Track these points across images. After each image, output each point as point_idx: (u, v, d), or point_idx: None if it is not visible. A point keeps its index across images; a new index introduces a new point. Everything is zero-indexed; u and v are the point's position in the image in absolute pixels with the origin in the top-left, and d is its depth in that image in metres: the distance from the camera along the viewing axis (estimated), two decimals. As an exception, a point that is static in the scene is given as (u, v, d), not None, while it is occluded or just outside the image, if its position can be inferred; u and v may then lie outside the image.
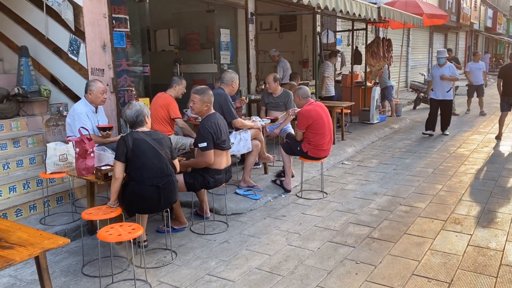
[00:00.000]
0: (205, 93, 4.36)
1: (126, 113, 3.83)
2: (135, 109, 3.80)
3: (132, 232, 3.23)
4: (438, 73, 9.00)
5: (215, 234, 4.42)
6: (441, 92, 9.00)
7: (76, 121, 4.69)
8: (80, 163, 4.10)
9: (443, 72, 8.94)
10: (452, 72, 8.94)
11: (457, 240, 4.19)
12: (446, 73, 8.93)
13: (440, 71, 9.00)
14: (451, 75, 8.94)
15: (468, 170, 6.65)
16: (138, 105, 3.85)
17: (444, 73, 8.93)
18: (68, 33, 5.74)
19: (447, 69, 8.99)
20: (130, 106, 3.86)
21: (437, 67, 9.14)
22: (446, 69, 8.98)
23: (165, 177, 3.71)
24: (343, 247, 4.07)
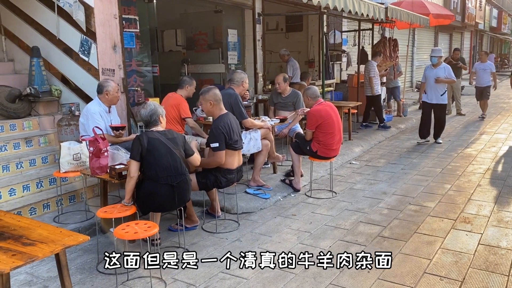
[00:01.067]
0: (206, 92, 4.42)
1: (141, 112, 3.89)
2: (149, 108, 3.85)
3: (148, 230, 3.28)
4: (432, 74, 8.15)
5: (227, 233, 4.46)
6: (435, 95, 8.12)
7: (89, 120, 4.73)
8: (94, 162, 4.15)
9: (437, 73, 8.05)
10: (447, 73, 8.09)
11: (467, 239, 4.21)
12: (441, 74, 8.05)
13: (434, 73, 8.13)
14: (447, 76, 8.10)
15: (476, 169, 6.67)
16: (153, 105, 3.90)
17: (439, 74, 8.05)
18: (79, 33, 5.80)
19: (442, 70, 8.10)
20: (145, 106, 3.93)
21: (430, 68, 8.27)
22: (441, 70, 8.08)
23: (179, 176, 3.75)
24: (354, 246, 4.10)
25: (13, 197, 4.65)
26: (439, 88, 8.11)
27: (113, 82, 4.97)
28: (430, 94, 8.19)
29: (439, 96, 8.14)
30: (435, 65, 8.11)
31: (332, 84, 11.91)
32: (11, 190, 4.64)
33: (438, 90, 8.11)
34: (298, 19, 11.75)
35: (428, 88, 8.24)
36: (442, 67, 8.09)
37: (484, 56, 12.15)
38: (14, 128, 5.48)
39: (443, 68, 8.10)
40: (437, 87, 8.09)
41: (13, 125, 5.47)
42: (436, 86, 8.08)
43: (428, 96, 8.24)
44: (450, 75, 8.10)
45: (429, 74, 8.20)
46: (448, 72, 8.07)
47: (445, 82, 8.13)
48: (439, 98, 8.16)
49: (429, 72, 8.24)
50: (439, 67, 8.08)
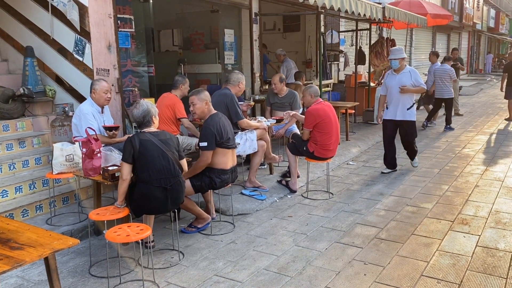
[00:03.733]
0: (201, 92, 4.38)
1: (133, 112, 3.81)
2: (142, 109, 3.78)
3: (140, 233, 3.22)
4: (394, 82, 6.20)
5: (222, 235, 4.40)
6: (400, 110, 6.19)
7: (82, 121, 4.67)
8: (87, 164, 4.09)
9: (401, 80, 6.13)
10: (415, 79, 6.14)
11: (465, 241, 4.17)
12: (406, 81, 6.13)
13: (397, 80, 6.16)
14: (414, 84, 6.15)
15: (473, 170, 6.63)
16: (145, 105, 3.82)
17: (403, 82, 6.13)
18: (74, 33, 5.74)
19: (407, 75, 6.16)
20: (137, 106, 3.83)
21: (392, 74, 6.32)
22: (406, 76, 6.16)
23: (172, 178, 3.69)
24: (351, 248, 4.05)
25: (5, 198, 4.59)
26: (405, 100, 6.18)
27: (105, 82, 4.87)
28: (393, 109, 6.25)
29: (405, 110, 6.19)
30: (397, 70, 6.22)
31: (329, 84, 11.89)
32: (3, 191, 4.58)
33: (404, 102, 6.18)
34: (295, 19, 11.71)
35: (390, 101, 6.32)
36: (406, 71, 6.20)
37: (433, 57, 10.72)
38: (7, 129, 5.40)
39: (408, 72, 6.19)
40: (402, 99, 6.17)
41: (6, 126, 5.40)
42: (401, 97, 6.16)
43: (391, 112, 6.30)
44: (418, 81, 6.19)
45: (391, 82, 6.26)
46: (415, 78, 6.17)
47: (413, 91, 6.22)
48: (405, 113, 6.20)
49: (390, 80, 6.30)
50: (402, 72, 6.18)
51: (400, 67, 6.20)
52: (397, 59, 6.17)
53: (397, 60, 6.17)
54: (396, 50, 6.35)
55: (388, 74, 6.51)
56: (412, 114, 6.25)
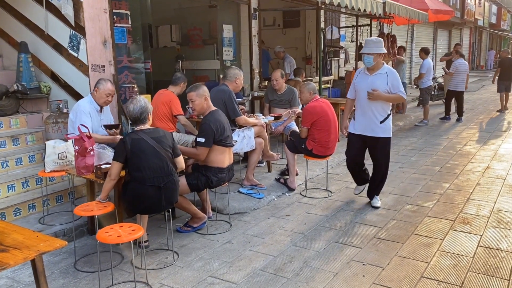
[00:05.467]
0: (198, 87, 4.27)
1: (130, 108, 3.70)
2: (140, 105, 3.67)
3: (132, 233, 3.13)
4: (364, 84, 4.67)
5: (218, 234, 4.31)
6: (370, 123, 4.68)
7: (77, 118, 4.58)
8: (79, 162, 4.00)
9: (374, 83, 4.59)
10: (391, 84, 4.56)
11: (466, 240, 4.07)
12: (380, 85, 4.56)
13: (368, 82, 4.63)
14: (390, 90, 4.58)
15: (475, 168, 6.53)
16: (143, 101, 3.71)
17: (376, 85, 4.57)
18: (68, 28, 5.64)
19: (382, 78, 4.59)
20: (134, 101, 3.72)
21: (363, 74, 4.74)
22: (380, 79, 4.60)
23: (166, 176, 3.60)
24: (349, 248, 3.96)
25: (-2, 197, 4.51)
26: (377, 109, 4.63)
27: (110, 84, 4.72)
28: (362, 121, 4.74)
29: (376, 123, 4.65)
30: (370, 69, 4.64)
31: (329, 81, 11.77)
32: (-5, 190, 4.50)
33: (376, 113, 4.63)
34: (295, 14, 11.59)
35: (358, 110, 4.82)
36: (383, 72, 4.59)
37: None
38: (0, 126, 5.31)
39: (385, 74, 4.58)
40: (374, 108, 4.63)
41: (-1, 123, 5.31)
42: (372, 106, 4.62)
43: (358, 124, 4.79)
44: (397, 87, 4.57)
45: (361, 84, 4.72)
46: (394, 82, 4.56)
47: (386, 99, 4.61)
48: (377, 127, 4.66)
49: (360, 82, 4.74)
50: (378, 73, 4.60)
51: (375, 65, 4.57)
52: (371, 54, 4.53)
53: (371, 56, 4.52)
54: (371, 42, 4.62)
55: (359, 72, 4.82)
56: (386, 128, 4.67)
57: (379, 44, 4.59)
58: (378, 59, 4.59)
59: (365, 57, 4.59)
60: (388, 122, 4.73)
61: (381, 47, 4.60)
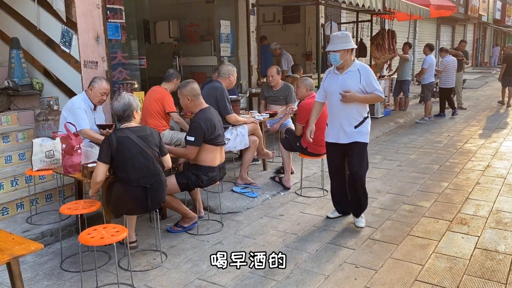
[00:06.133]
0: (183, 87, 4.15)
1: (114, 105, 3.60)
2: (123, 102, 3.57)
3: (115, 235, 3.04)
4: (335, 86, 4.08)
5: (209, 235, 4.22)
6: (344, 129, 4.12)
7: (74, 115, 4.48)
8: (66, 160, 3.91)
9: (345, 83, 4.02)
10: (366, 83, 3.99)
11: (463, 242, 3.96)
12: (351, 85, 3.99)
13: (339, 83, 4.06)
14: (365, 88, 4.01)
15: (475, 166, 6.40)
16: (127, 98, 3.60)
17: (348, 85, 4.00)
18: (60, 24, 5.56)
19: (354, 76, 4.02)
20: (118, 98, 3.62)
21: (333, 74, 4.15)
22: (352, 77, 4.02)
23: (152, 176, 3.50)
24: (343, 250, 3.85)
25: (-15, 196, 4.43)
26: (351, 112, 4.07)
27: (106, 83, 4.63)
28: (336, 127, 4.18)
29: (351, 128, 4.10)
30: (340, 68, 4.07)
31: (329, 77, 11.63)
32: (-17, 188, 4.42)
33: (350, 116, 4.08)
34: (295, 10, 11.46)
35: (330, 115, 4.27)
36: (354, 70, 4.02)
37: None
38: (-9, 123, 5.24)
39: (357, 71, 4.01)
40: (347, 112, 4.07)
41: (-11, 120, 5.23)
42: (345, 109, 4.06)
43: (332, 131, 4.24)
44: (372, 85, 3.99)
45: (330, 86, 4.14)
46: (368, 80, 3.99)
47: (361, 100, 4.04)
48: (352, 132, 4.11)
49: (329, 83, 4.16)
50: (348, 71, 4.03)
51: (344, 63, 3.99)
52: (337, 51, 3.93)
53: (337, 53, 3.92)
54: (336, 37, 3.98)
55: (328, 72, 4.21)
56: (363, 133, 4.12)
57: (345, 39, 3.99)
58: (346, 56, 4.00)
59: (331, 55, 4.02)
60: (365, 126, 4.15)
61: (348, 42, 3.99)
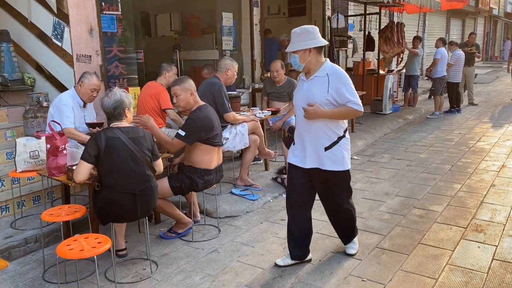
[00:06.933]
0: (184, 81, 3.84)
1: (104, 101, 3.29)
2: (114, 98, 3.25)
3: (97, 247, 2.76)
4: (301, 96, 3.24)
5: (205, 242, 3.93)
6: (312, 150, 3.22)
7: (60, 112, 4.21)
8: (50, 161, 3.63)
9: (309, 92, 3.15)
10: (336, 92, 3.07)
11: (480, 252, 3.64)
12: (317, 96, 3.11)
13: (304, 91, 3.21)
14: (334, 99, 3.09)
15: (489, 167, 6.06)
16: (119, 94, 3.29)
17: (313, 96, 3.13)
18: (52, 16, 5.29)
19: (321, 82, 3.12)
20: (109, 94, 3.31)
21: (301, 80, 3.30)
22: (319, 85, 3.12)
23: (142, 183, 3.20)
24: (348, 260, 3.55)
25: (-33, 198, 4.17)
26: (320, 130, 3.17)
27: (96, 79, 4.33)
28: (300, 145, 3.30)
29: (320, 150, 3.20)
30: (307, 73, 3.22)
31: (336, 72, 11.29)
32: (-34, 190, 4.17)
33: (319, 134, 3.19)
34: (301, 2, 11.11)
35: (296, 129, 3.37)
36: (322, 75, 3.13)
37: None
38: (-22, 120, 4.98)
39: (326, 77, 3.11)
40: (315, 128, 3.18)
41: (-24, 117, 4.97)
42: (312, 125, 3.18)
43: (297, 151, 3.34)
44: (345, 94, 3.06)
45: (296, 95, 3.34)
46: (338, 88, 3.08)
47: (331, 116, 3.11)
48: (321, 156, 3.20)
49: (296, 92, 3.36)
50: (315, 76, 3.16)
51: (307, 66, 3.13)
52: (296, 52, 3.09)
53: (297, 56, 3.09)
54: (294, 34, 3.13)
55: (299, 78, 3.34)
56: (336, 158, 3.17)
57: (304, 36, 3.07)
58: (309, 57, 3.08)
59: (291, 57, 3.16)
60: (341, 148, 3.19)
61: (309, 39, 3.06)
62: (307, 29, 3.12)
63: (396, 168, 6.05)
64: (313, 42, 3.10)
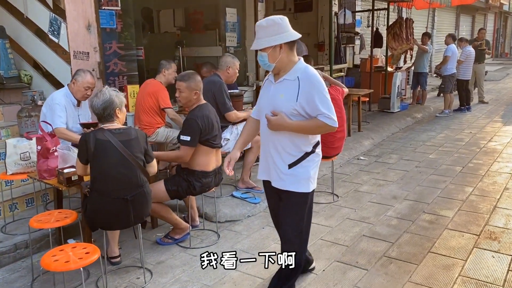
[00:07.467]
0: (192, 78, 3.63)
1: (93, 102, 3.12)
2: (103, 98, 3.07)
3: (84, 258, 2.58)
4: (266, 100, 2.71)
5: (203, 248, 3.73)
6: (275, 166, 2.71)
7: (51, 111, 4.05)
8: (41, 164, 3.48)
9: (275, 99, 2.62)
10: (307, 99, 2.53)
11: (494, 262, 3.43)
12: (284, 104, 2.57)
13: (270, 95, 2.67)
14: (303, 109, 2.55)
15: (502, 168, 5.82)
16: (108, 94, 3.10)
17: (278, 103, 2.60)
18: (48, 11, 5.13)
19: (291, 87, 2.57)
20: (98, 94, 3.14)
21: (268, 82, 2.74)
22: (287, 89, 2.58)
23: (134, 188, 3.01)
24: (353, 270, 3.35)
25: (-42, 201, 4.02)
26: (283, 143, 2.66)
27: (91, 77, 4.15)
28: (264, 160, 2.88)
29: (284, 168, 2.68)
30: (275, 74, 2.68)
31: (343, 69, 11.07)
32: (-44, 193, 4.01)
33: (280, 150, 2.68)
34: (308, -3, 10.87)
35: (261, 139, 2.88)
36: (292, 78, 2.60)
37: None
38: (-28, 119, 4.83)
39: (296, 80, 2.58)
40: (277, 141, 2.67)
41: (-29, 116, 4.83)
42: (275, 137, 2.67)
43: (262, 165, 2.92)
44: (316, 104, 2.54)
45: (261, 99, 2.82)
46: (310, 95, 2.55)
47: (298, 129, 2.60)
48: (282, 173, 2.69)
49: (262, 95, 2.83)
50: (284, 79, 2.62)
51: (278, 66, 2.60)
52: (264, 50, 2.56)
53: (264, 54, 2.56)
54: (259, 28, 2.57)
55: (266, 79, 2.83)
56: (299, 177, 2.67)
57: (272, 29, 2.51)
58: (280, 55, 2.54)
59: (258, 56, 2.60)
60: (306, 166, 2.66)
61: (279, 32, 2.51)
62: (275, 21, 2.54)
63: (404, 170, 5.83)
64: (283, 37, 2.53)
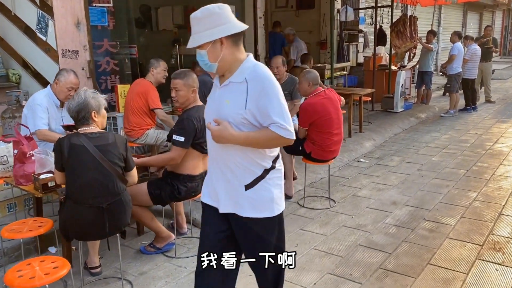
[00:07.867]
0: (188, 75, 3.44)
1: (68, 104, 2.93)
2: (77, 100, 2.87)
3: (51, 273, 2.39)
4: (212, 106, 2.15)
5: (188, 258, 3.55)
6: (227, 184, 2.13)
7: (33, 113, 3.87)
8: (17, 169, 3.31)
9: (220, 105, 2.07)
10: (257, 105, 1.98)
11: (498, 276, 3.21)
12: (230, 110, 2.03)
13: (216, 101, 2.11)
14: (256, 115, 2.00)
15: (508, 172, 5.58)
16: (83, 96, 2.90)
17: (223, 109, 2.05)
18: (36, 8, 4.95)
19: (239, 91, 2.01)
20: (74, 96, 2.97)
21: (215, 86, 2.17)
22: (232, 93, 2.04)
23: (111, 196, 2.82)
24: (347, 283, 3.15)
25: None
26: (236, 158, 2.09)
27: (74, 76, 3.95)
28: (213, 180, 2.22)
29: (238, 188, 2.12)
30: (221, 75, 2.11)
31: (346, 67, 10.84)
32: None
33: (233, 168, 2.11)
34: (310, -6, 10.64)
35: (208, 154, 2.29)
36: (239, 80, 2.03)
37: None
38: (-45, 120, 4.67)
39: (244, 82, 2.01)
40: (229, 154, 2.09)
41: (-46, 117, 4.65)
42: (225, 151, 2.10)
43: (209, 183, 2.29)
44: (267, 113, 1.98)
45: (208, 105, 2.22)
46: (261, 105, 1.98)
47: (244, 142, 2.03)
48: (239, 197, 2.12)
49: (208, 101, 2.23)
50: (230, 81, 2.06)
51: (221, 66, 2.05)
52: (201, 47, 2.03)
53: (203, 52, 2.02)
54: (194, 20, 2.05)
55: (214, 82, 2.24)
56: (261, 200, 2.13)
57: (210, 21, 2.01)
58: (222, 54, 2.02)
59: (197, 55, 2.07)
60: (266, 185, 2.12)
61: (218, 24, 2.01)
62: (212, 11, 2.01)
63: (405, 173, 5.60)
64: (224, 29, 2.00)
